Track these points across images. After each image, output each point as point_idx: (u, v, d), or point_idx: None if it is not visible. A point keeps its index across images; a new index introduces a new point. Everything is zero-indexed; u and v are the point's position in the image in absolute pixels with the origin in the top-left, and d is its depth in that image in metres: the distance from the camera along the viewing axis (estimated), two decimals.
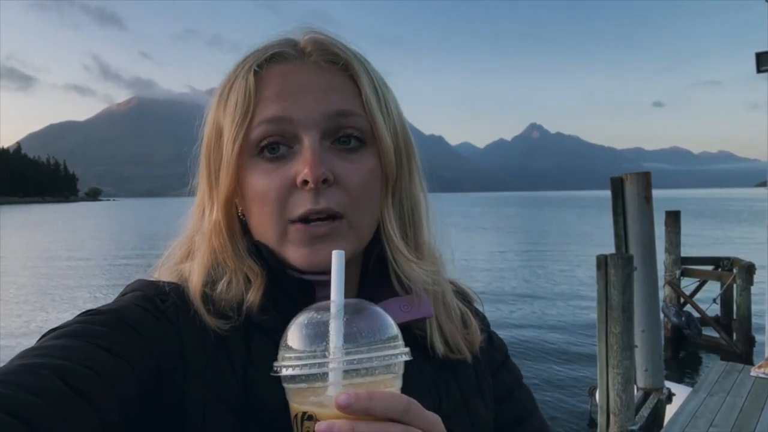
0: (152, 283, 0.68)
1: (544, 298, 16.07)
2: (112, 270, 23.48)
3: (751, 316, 10.42)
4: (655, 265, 5.66)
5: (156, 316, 0.62)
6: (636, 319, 5.03)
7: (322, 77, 0.67)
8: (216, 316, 0.64)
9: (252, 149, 0.66)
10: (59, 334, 0.56)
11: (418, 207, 0.75)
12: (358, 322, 0.49)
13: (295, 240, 0.65)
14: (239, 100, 0.66)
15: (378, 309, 0.52)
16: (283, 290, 0.68)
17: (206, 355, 0.62)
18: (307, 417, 0.47)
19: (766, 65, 5.59)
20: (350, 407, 0.43)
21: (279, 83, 0.66)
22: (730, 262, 11.86)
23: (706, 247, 23.13)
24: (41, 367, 0.49)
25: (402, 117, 0.74)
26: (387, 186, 0.71)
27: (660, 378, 5.64)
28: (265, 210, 0.66)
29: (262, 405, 0.61)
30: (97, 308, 0.61)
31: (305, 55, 0.69)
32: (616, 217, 5.62)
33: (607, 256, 4.74)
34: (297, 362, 0.48)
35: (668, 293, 11.72)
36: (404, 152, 0.73)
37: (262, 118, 0.65)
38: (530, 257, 26.15)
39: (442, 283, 0.77)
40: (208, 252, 0.69)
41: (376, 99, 0.69)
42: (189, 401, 0.59)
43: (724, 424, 4.81)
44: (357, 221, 0.67)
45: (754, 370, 5.88)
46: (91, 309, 0.61)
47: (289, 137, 0.66)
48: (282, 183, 0.65)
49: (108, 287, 18.65)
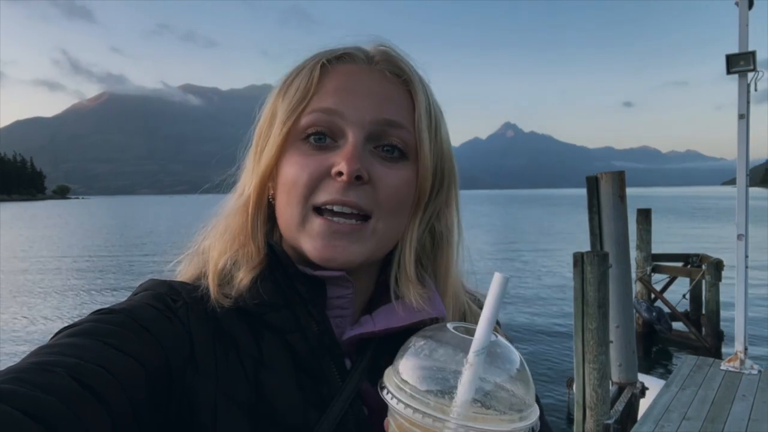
0: (164, 282, 0.69)
1: (521, 296, 16.24)
2: (72, 272, 22.90)
3: (719, 311, 10.71)
4: (629, 263, 5.76)
5: (167, 316, 0.62)
6: (611, 315, 5.10)
7: (383, 85, 0.70)
8: (223, 295, 0.65)
9: (299, 134, 0.68)
10: (72, 333, 0.56)
11: (451, 233, 0.76)
12: (494, 371, 0.46)
13: (313, 231, 0.66)
14: (300, 88, 0.68)
15: (518, 358, 0.49)
16: (294, 287, 0.68)
17: (217, 355, 0.62)
18: None
19: (736, 66, 5.72)
20: None
21: (341, 80, 0.69)
22: (699, 259, 12.17)
23: (676, 244, 23.68)
24: (54, 365, 0.49)
25: (450, 147, 0.75)
26: (418, 204, 0.72)
27: (634, 372, 5.74)
28: (294, 191, 0.67)
29: (272, 405, 0.61)
30: (109, 307, 0.62)
31: (373, 62, 0.72)
32: (591, 215, 5.69)
33: (583, 254, 4.79)
34: (417, 405, 0.44)
35: (639, 289, 11.97)
36: (445, 177, 0.74)
37: (316, 106, 0.67)
38: (506, 255, 26.44)
39: (460, 299, 0.78)
40: (233, 230, 0.71)
41: (427, 119, 0.70)
42: (199, 401, 0.59)
43: (696, 416, 4.92)
44: (382, 227, 0.68)
45: (724, 364, 6.03)
46: (103, 308, 0.62)
47: (336, 131, 0.67)
48: (317, 169, 0.66)
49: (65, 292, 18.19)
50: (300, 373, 0.64)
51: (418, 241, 0.73)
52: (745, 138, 5.84)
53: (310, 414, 0.62)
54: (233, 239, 0.71)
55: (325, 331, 0.67)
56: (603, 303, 4.77)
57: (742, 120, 5.84)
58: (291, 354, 0.65)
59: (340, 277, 0.68)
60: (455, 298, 0.77)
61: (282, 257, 0.68)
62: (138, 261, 25.16)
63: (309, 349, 0.65)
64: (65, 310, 14.89)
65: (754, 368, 5.88)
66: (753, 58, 5.65)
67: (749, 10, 5.70)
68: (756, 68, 5.68)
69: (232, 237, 0.71)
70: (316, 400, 0.63)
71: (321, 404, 0.63)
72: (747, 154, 5.89)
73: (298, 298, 0.67)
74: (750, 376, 5.74)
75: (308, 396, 0.63)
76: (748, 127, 5.84)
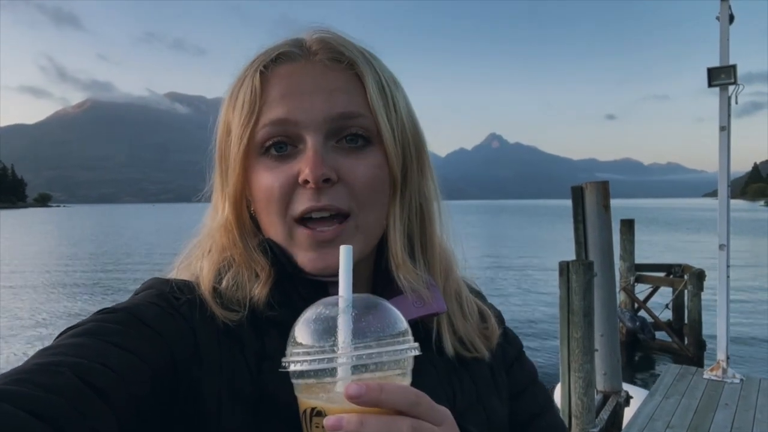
0: (166, 280, 0.68)
1: (507, 304, 16.28)
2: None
3: (701, 321, 10.85)
4: (613, 272, 5.82)
5: (170, 312, 0.62)
6: (596, 323, 5.13)
7: (327, 77, 0.67)
8: (226, 310, 0.65)
9: (258, 149, 0.67)
10: (75, 333, 0.56)
11: (430, 206, 0.75)
12: (366, 318, 0.49)
13: (302, 244, 0.66)
14: (246, 101, 0.67)
15: (387, 304, 0.51)
16: (296, 289, 0.68)
17: (220, 350, 0.62)
18: (316, 412, 0.47)
19: (717, 80, 5.84)
20: (360, 398, 0.43)
21: (284, 85, 0.67)
22: (681, 269, 12.34)
23: (659, 254, 23.96)
24: (58, 365, 0.50)
25: (412, 115, 0.74)
26: (395, 185, 0.71)
27: (618, 381, 5.78)
28: (271, 207, 0.67)
29: (276, 398, 0.60)
30: (112, 306, 0.62)
31: (311, 54, 0.69)
32: (576, 225, 5.74)
33: (569, 263, 4.83)
34: (305, 357, 0.47)
35: (623, 299, 12.08)
36: (413, 151, 0.72)
37: (267, 120, 0.66)
38: (492, 263, 26.52)
39: (457, 280, 0.78)
40: (218, 249, 0.71)
41: (382, 98, 0.68)
42: (204, 395, 0.59)
43: (680, 425, 4.96)
44: (363, 220, 0.67)
45: (706, 373, 6.10)
46: (106, 307, 0.61)
47: (293, 137, 0.66)
48: (286, 180, 0.65)
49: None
50: None
51: (403, 222, 0.72)
52: (726, 150, 5.96)
53: None
54: (222, 256, 0.70)
55: None
56: (588, 311, 4.80)
57: (723, 132, 5.95)
58: None
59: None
60: (446, 272, 0.76)
61: (284, 261, 0.68)
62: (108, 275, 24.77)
63: None
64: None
65: (736, 377, 5.95)
66: (734, 71, 5.78)
67: (730, 24, 5.84)
68: (737, 81, 5.81)
69: (220, 254, 0.70)
70: None
71: None
72: (728, 166, 6.00)
73: (299, 300, 0.66)
74: (732, 385, 5.81)
75: None
76: (729, 139, 5.96)
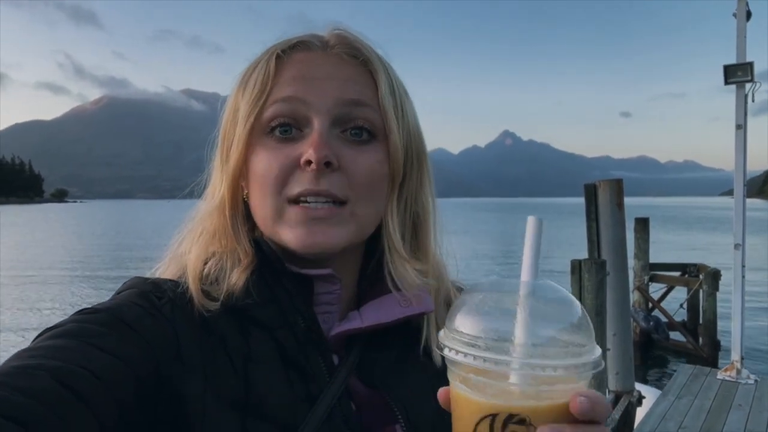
0: (148, 280, 0.67)
1: None
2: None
3: (716, 321, 10.71)
4: (626, 271, 5.76)
5: (152, 313, 0.61)
6: (608, 323, 5.10)
7: (342, 68, 0.68)
8: (207, 298, 0.64)
9: (263, 128, 0.67)
10: (55, 334, 0.55)
11: (426, 212, 0.76)
12: (547, 309, 0.45)
13: (291, 220, 0.65)
14: (258, 81, 0.67)
15: (570, 297, 0.48)
16: (282, 284, 0.67)
17: (204, 352, 0.61)
18: (518, 420, 0.43)
19: (734, 77, 5.75)
20: (585, 414, 0.42)
21: (299, 68, 0.68)
22: (696, 269, 12.18)
23: (674, 254, 23.67)
24: (37, 369, 0.48)
25: (418, 126, 0.74)
26: (393, 184, 0.71)
27: (630, 381, 5.73)
28: (266, 187, 0.66)
29: (261, 400, 0.60)
30: (93, 307, 0.60)
31: (328, 47, 0.70)
32: (589, 223, 5.70)
33: (581, 261, 4.81)
34: (477, 352, 0.43)
35: (637, 298, 11.97)
36: (415, 156, 0.73)
37: (276, 97, 0.66)
38: (504, 260, 26.41)
39: (448, 290, 0.77)
40: (210, 234, 0.70)
41: (391, 98, 0.69)
42: (188, 398, 0.58)
43: (692, 426, 4.92)
44: (359, 210, 0.67)
45: (720, 374, 6.03)
46: (86, 308, 0.60)
47: (300, 120, 0.66)
48: (286, 161, 0.65)
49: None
50: (288, 368, 0.63)
51: (401, 217, 0.72)
52: (743, 148, 5.88)
53: (299, 409, 0.61)
54: (212, 242, 0.70)
55: (312, 326, 0.66)
56: (600, 311, 4.78)
57: (739, 131, 5.87)
58: (279, 350, 0.64)
59: (327, 274, 0.68)
60: (439, 280, 0.76)
61: (270, 255, 0.68)
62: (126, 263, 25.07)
63: (296, 344, 0.65)
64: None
65: (751, 378, 5.88)
66: (751, 69, 5.69)
67: (747, 21, 5.75)
68: (754, 79, 5.72)
69: (211, 240, 0.70)
70: (304, 396, 0.62)
71: (309, 400, 0.62)
72: (744, 164, 5.92)
73: (284, 294, 0.67)
74: (746, 386, 5.74)
75: (297, 391, 0.62)
76: (746, 137, 5.87)
